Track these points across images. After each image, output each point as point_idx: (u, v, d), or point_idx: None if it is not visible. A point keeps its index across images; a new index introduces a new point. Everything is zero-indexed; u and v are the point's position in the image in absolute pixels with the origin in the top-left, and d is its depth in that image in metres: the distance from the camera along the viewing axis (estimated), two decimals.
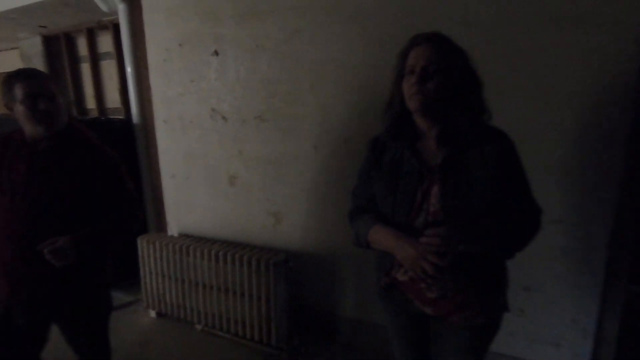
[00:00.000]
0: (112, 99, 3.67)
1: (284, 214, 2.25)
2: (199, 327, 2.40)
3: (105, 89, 3.70)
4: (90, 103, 3.82)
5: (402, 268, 1.11)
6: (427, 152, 1.07)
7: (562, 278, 1.68)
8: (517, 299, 1.76)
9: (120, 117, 3.51)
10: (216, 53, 2.24)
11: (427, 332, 1.21)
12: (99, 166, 1.34)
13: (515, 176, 1.04)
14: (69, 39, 3.73)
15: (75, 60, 3.79)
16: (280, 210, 2.26)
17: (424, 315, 1.14)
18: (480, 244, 1.00)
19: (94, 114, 3.76)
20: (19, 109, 1.24)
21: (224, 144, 2.34)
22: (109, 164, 1.37)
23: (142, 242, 2.41)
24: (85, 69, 3.76)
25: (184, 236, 2.52)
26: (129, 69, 2.59)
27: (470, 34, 1.63)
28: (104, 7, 2.52)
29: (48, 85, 1.25)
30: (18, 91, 1.22)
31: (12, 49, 4.35)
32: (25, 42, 3.94)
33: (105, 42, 3.54)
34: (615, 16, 1.43)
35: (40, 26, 3.55)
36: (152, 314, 2.56)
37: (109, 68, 3.60)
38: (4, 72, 4.71)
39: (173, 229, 2.67)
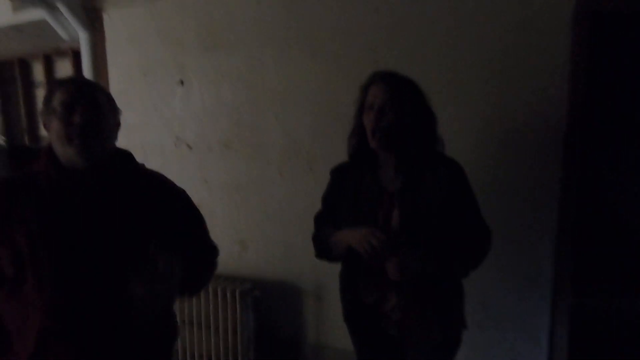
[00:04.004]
0: None
1: (250, 242, 2.24)
2: None
3: None
4: (45, 131, 3.67)
5: (368, 291, 1.17)
6: (386, 179, 1.16)
7: (514, 292, 1.79)
8: (475, 314, 1.84)
9: None
10: (181, 82, 2.26)
11: (393, 354, 1.25)
12: (171, 207, 1.01)
13: (465, 199, 1.14)
14: (24, 65, 3.59)
15: (29, 86, 3.64)
16: (245, 238, 2.25)
17: (388, 336, 1.19)
18: (437, 263, 1.08)
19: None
20: (54, 125, 0.86)
21: (188, 172, 2.33)
22: (184, 203, 1.09)
23: None
24: (40, 95, 3.62)
25: None
26: None
27: (424, 68, 1.77)
28: (64, 36, 2.48)
29: (93, 94, 0.89)
30: (56, 100, 0.86)
31: None
32: None
33: (63, 68, 3.45)
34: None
35: None
36: None
37: None
38: None
39: None
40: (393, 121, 1.08)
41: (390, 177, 1.15)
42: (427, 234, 1.08)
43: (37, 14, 2.48)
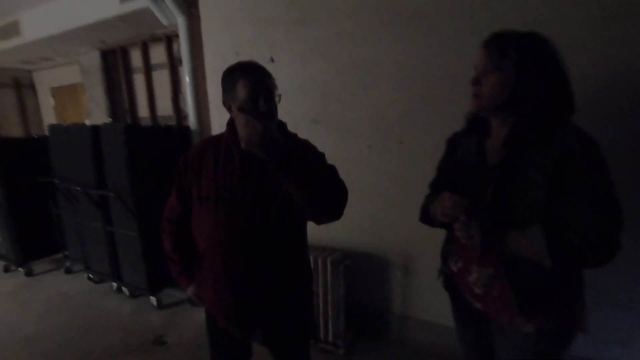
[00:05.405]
0: (163, 107, 3.89)
1: None
2: None
3: (156, 98, 3.93)
4: (143, 111, 4.07)
5: (453, 259, 1.15)
6: (492, 150, 1.08)
7: (630, 275, 1.64)
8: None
9: (172, 123, 3.72)
10: (272, 60, 2.35)
11: (480, 329, 1.20)
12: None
13: (582, 186, 0.91)
14: (124, 52, 3.99)
15: (129, 72, 4.05)
16: None
17: (476, 310, 1.13)
18: (524, 251, 0.97)
19: (147, 121, 4.00)
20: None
21: None
22: (317, 155, 1.21)
23: None
24: (138, 79, 4.01)
25: None
26: (187, 78, 2.75)
27: None
28: (164, 21, 2.69)
29: (269, 83, 1.09)
30: (240, 89, 1.06)
31: (72, 63, 4.69)
32: (85, 57, 4.24)
33: (157, 54, 3.77)
34: None
35: (100, 41, 3.82)
36: None
37: (160, 78, 3.83)
38: (67, 85, 5.04)
39: None
40: (491, 85, 0.99)
41: (497, 149, 1.05)
42: (519, 216, 0.96)
43: (141, 2, 2.70)
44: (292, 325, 1.26)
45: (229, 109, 1.13)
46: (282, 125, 1.20)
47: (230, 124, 1.16)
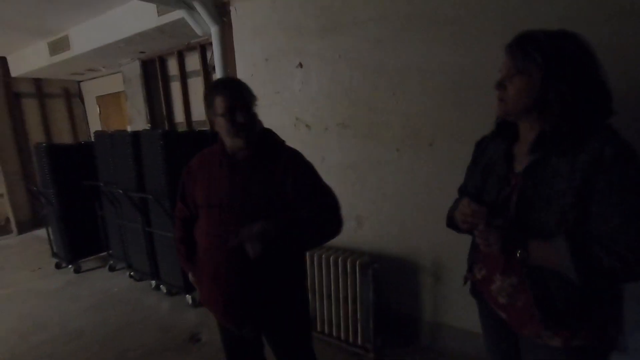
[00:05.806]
0: (197, 112, 4.05)
1: (365, 219, 2.31)
2: None
3: (191, 104, 4.10)
4: (179, 117, 4.25)
5: (478, 265, 1.13)
6: (519, 157, 1.04)
7: None
8: (632, 314, 1.61)
9: (205, 128, 3.86)
10: (300, 65, 2.38)
11: (507, 339, 1.15)
12: (295, 169, 1.24)
13: (612, 195, 0.84)
14: (162, 61, 4.19)
15: (166, 80, 4.25)
16: (361, 214, 2.32)
17: (501, 320, 1.10)
18: (548, 262, 0.92)
19: (182, 126, 4.18)
20: (220, 122, 1.19)
21: (306, 151, 2.42)
22: (304, 165, 1.30)
23: None
24: (174, 86, 4.20)
25: None
26: None
27: None
28: (198, 31, 2.80)
29: (245, 96, 1.20)
30: (218, 104, 1.17)
31: (115, 73, 5.00)
32: (127, 67, 4.50)
33: (192, 62, 3.94)
34: None
35: (140, 52, 4.04)
36: None
37: (194, 85, 3.99)
38: (111, 93, 5.36)
39: None
40: (515, 89, 0.95)
41: (524, 155, 1.00)
42: (543, 227, 0.92)
43: (177, 14, 2.84)
44: (284, 320, 1.32)
45: (211, 123, 1.24)
46: (269, 131, 1.31)
47: (220, 138, 1.26)
